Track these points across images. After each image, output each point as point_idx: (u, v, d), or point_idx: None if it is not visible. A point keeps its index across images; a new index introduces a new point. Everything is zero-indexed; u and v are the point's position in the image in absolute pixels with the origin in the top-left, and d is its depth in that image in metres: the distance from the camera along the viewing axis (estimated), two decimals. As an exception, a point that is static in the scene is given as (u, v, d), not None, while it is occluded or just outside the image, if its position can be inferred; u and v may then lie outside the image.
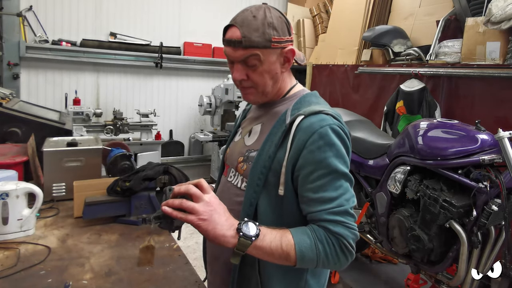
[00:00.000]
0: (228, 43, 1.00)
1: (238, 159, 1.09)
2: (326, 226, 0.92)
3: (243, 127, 1.18)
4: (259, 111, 1.14)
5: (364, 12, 4.18)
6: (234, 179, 1.10)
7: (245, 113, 1.25)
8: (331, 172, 0.94)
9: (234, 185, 1.09)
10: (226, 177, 1.14)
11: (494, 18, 2.60)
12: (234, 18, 1.01)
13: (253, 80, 1.03)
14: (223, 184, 1.15)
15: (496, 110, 2.72)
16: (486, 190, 1.84)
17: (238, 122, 1.24)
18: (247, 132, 1.13)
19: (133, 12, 4.92)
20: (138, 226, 1.74)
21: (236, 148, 1.14)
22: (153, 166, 1.85)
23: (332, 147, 0.95)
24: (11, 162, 1.96)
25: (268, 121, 1.07)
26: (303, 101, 1.05)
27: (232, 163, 1.12)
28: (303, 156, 0.95)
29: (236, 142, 1.16)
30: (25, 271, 1.31)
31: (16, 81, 4.23)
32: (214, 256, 1.15)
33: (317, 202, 0.94)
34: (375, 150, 2.58)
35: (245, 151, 1.08)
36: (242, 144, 1.12)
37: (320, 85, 4.65)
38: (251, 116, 1.18)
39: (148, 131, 4.64)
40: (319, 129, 0.95)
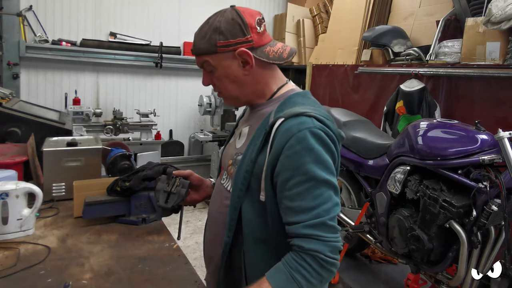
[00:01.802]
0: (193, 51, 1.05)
1: (228, 161, 1.08)
2: (300, 245, 0.89)
3: (237, 129, 1.17)
4: (249, 113, 1.13)
5: (364, 12, 4.18)
6: (225, 181, 1.10)
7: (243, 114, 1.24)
8: (309, 179, 0.89)
9: (225, 188, 1.09)
10: (219, 179, 1.16)
11: (494, 18, 2.60)
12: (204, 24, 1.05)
13: (215, 85, 1.06)
14: (217, 186, 1.16)
15: (496, 110, 2.72)
16: (486, 190, 1.84)
17: (237, 122, 1.24)
18: (238, 135, 1.12)
19: (133, 12, 4.92)
20: (138, 226, 1.74)
21: (229, 150, 1.13)
22: (153, 166, 1.85)
23: (311, 152, 0.89)
24: (11, 162, 1.96)
25: (255, 124, 1.04)
26: (288, 102, 1.00)
27: (224, 166, 1.13)
28: (281, 161, 0.91)
29: (230, 144, 1.15)
30: (25, 271, 1.31)
31: (16, 81, 4.23)
32: (208, 257, 1.16)
33: (294, 211, 0.90)
34: (375, 150, 2.58)
35: (234, 153, 1.06)
36: (233, 146, 1.11)
37: (320, 85, 4.65)
38: (244, 118, 1.17)
39: (148, 131, 4.64)
40: (297, 133, 0.89)
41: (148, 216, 1.78)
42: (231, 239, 1.00)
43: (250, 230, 0.98)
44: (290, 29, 5.35)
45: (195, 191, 1.29)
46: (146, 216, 1.78)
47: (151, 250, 1.53)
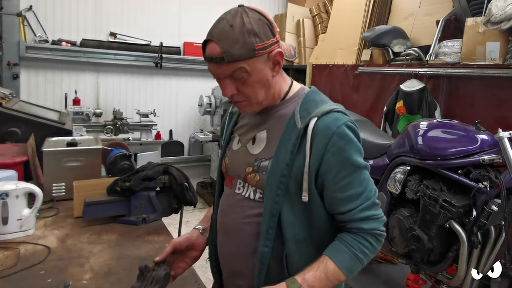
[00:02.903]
0: (210, 60, 0.93)
1: (246, 169, 1.04)
2: (360, 227, 0.96)
3: (241, 134, 1.11)
4: (259, 117, 1.07)
5: (364, 12, 4.18)
6: (244, 191, 1.06)
7: (235, 118, 1.17)
8: (355, 169, 0.96)
9: (246, 198, 1.05)
10: (232, 189, 1.09)
11: (494, 18, 2.60)
12: (210, 32, 0.95)
13: (244, 93, 0.97)
14: (230, 196, 1.10)
15: (496, 110, 2.72)
16: (486, 190, 1.84)
17: (227, 128, 1.17)
18: (249, 140, 1.07)
19: (133, 12, 4.92)
20: (138, 226, 1.74)
21: (238, 157, 1.08)
22: (153, 166, 1.85)
23: (352, 145, 0.95)
24: (11, 162, 1.96)
25: (274, 127, 1.02)
26: (308, 101, 1.01)
27: (237, 174, 1.07)
28: (326, 159, 0.94)
29: (237, 151, 1.09)
30: (25, 271, 1.30)
31: (16, 81, 4.23)
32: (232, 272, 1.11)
33: (346, 201, 0.96)
34: (375, 150, 2.58)
35: (253, 160, 1.03)
36: (246, 153, 1.06)
37: (320, 85, 4.65)
38: (249, 122, 1.10)
39: (148, 131, 4.63)
40: (336, 130, 0.94)
41: (148, 216, 1.78)
42: (270, 247, 0.98)
43: (293, 233, 0.98)
44: (290, 29, 5.35)
45: (185, 256, 1.18)
46: (146, 216, 1.77)
47: (151, 250, 1.53)
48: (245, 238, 1.04)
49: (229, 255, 1.11)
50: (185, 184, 1.83)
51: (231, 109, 1.20)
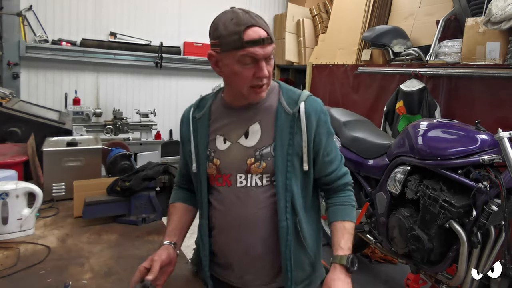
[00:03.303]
0: (257, 42, 1.02)
1: (246, 162, 1.12)
2: (345, 182, 1.25)
3: (226, 133, 1.16)
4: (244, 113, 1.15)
5: (364, 12, 4.18)
6: (248, 182, 1.13)
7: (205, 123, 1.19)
8: (332, 136, 1.21)
9: (253, 186, 1.13)
10: (231, 185, 1.14)
11: (494, 18, 2.61)
12: (246, 20, 1.04)
13: (270, 74, 1.09)
14: (231, 193, 1.14)
15: (496, 110, 2.72)
16: (486, 190, 1.84)
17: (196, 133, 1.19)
18: (240, 136, 1.14)
19: (133, 12, 4.92)
20: (138, 226, 1.74)
21: (232, 154, 1.14)
22: (153, 166, 1.85)
23: (327, 117, 1.19)
24: (11, 162, 1.96)
25: (265, 118, 1.15)
26: (286, 90, 1.19)
27: (236, 169, 1.13)
28: (318, 132, 1.14)
29: (227, 150, 1.15)
30: (25, 271, 1.30)
31: (16, 81, 4.23)
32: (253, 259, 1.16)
33: (331, 162, 1.20)
34: (375, 150, 2.58)
35: (252, 151, 1.12)
36: (240, 147, 1.13)
37: (320, 85, 4.65)
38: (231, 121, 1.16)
39: (148, 131, 4.63)
40: (319, 108, 1.16)
41: (148, 216, 1.77)
42: (289, 220, 1.12)
43: (300, 203, 1.15)
44: (290, 29, 5.35)
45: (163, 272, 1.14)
46: (146, 216, 1.77)
47: (151, 250, 1.53)
48: (264, 222, 1.13)
49: (249, 245, 1.16)
50: (185, 184, 1.82)
51: (192, 115, 1.23)
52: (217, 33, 1.06)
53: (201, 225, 1.22)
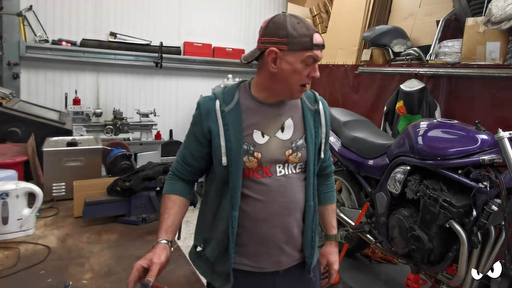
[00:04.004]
0: (321, 47, 1.18)
1: (285, 153, 1.26)
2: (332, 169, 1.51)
3: (263, 128, 1.25)
4: (276, 109, 1.27)
5: (364, 12, 4.18)
6: (286, 171, 1.27)
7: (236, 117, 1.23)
8: None
9: (290, 174, 1.28)
10: (272, 176, 1.25)
11: (494, 18, 2.61)
12: (311, 26, 1.18)
13: None
14: (273, 182, 1.25)
15: (496, 110, 2.72)
16: (486, 190, 1.84)
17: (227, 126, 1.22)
18: (277, 130, 1.27)
19: (133, 12, 4.92)
20: (138, 226, 1.74)
21: (272, 147, 1.25)
22: (153, 166, 1.85)
23: None
24: (11, 162, 1.96)
25: (295, 113, 1.31)
26: None
27: (276, 160, 1.26)
28: (328, 125, 1.37)
29: (266, 143, 1.25)
30: (25, 271, 1.30)
31: (16, 81, 4.23)
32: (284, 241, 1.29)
33: (327, 151, 1.41)
34: (375, 150, 2.58)
35: (289, 144, 1.27)
36: (278, 141, 1.26)
37: (320, 85, 4.65)
38: (264, 117, 1.26)
39: (148, 131, 4.63)
40: (328, 105, 1.41)
41: (148, 216, 1.78)
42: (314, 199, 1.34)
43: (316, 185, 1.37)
44: (290, 29, 5.35)
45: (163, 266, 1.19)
46: (146, 216, 1.77)
47: (151, 250, 1.53)
48: (298, 204, 1.30)
49: (287, 229, 1.29)
50: (185, 184, 1.82)
51: (222, 108, 1.24)
52: (285, 33, 1.15)
53: (230, 217, 1.23)
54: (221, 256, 1.27)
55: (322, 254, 1.47)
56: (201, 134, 1.26)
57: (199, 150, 1.29)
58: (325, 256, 1.46)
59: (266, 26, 1.19)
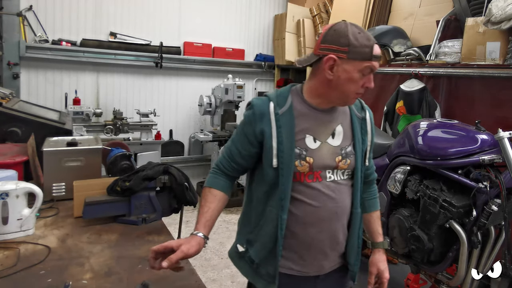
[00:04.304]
0: (379, 58, 1.19)
1: (335, 159, 1.28)
2: (375, 176, 1.53)
3: (315, 133, 1.26)
4: (327, 115, 1.28)
5: (364, 12, 4.18)
6: (335, 176, 1.29)
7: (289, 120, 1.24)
8: None
9: (338, 180, 1.30)
10: (322, 181, 1.27)
11: (494, 18, 2.60)
12: (371, 36, 1.18)
13: None
14: (323, 188, 1.27)
15: (496, 110, 2.72)
16: (486, 190, 1.84)
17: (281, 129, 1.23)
18: (328, 136, 1.28)
19: (133, 12, 4.92)
20: (138, 226, 1.74)
21: (323, 152, 1.26)
22: (153, 166, 1.85)
23: None
24: (11, 162, 1.96)
25: (344, 120, 1.32)
26: None
27: (326, 166, 1.27)
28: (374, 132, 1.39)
29: (318, 148, 1.26)
30: (25, 271, 1.31)
31: (16, 81, 4.23)
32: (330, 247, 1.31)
33: (370, 159, 1.42)
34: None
35: (339, 150, 1.29)
36: (328, 147, 1.27)
37: (320, 85, 4.64)
38: (315, 122, 1.27)
39: (148, 131, 4.63)
40: (371, 111, 1.41)
41: (148, 216, 1.78)
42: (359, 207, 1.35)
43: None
44: (290, 29, 5.35)
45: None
46: (146, 216, 1.77)
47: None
48: (346, 210, 1.32)
49: (334, 234, 1.31)
50: (185, 184, 1.83)
51: (276, 110, 1.25)
52: (346, 41, 1.15)
53: (280, 220, 1.23)
54: (266, 258, 1.28)
55: (371, 262, 1.44)
56: (253, 135, 1.27)
57: (248, 149, 1.30)
58: (375, 265, 1.42)
59: (327, 33, 1.20)
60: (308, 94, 1.28)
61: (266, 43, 5.92)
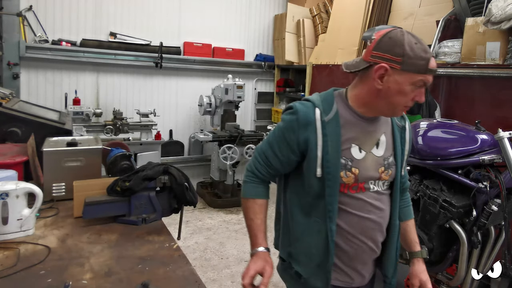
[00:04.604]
0: (434, 72, 1.13)
1: (379, 170, 1.24)
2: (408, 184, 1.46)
3: (361, 143, 1.22)
4: (371, 125, 1.24)
5: (364, 12, 4.18)
6: (377, 187, 1.26)
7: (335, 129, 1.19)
8: None
9: (379, 191, 1.26)
10: (365, 192, 1.23)
11: (494, 18, 2.60)
12: (427, 48, 1.13)
13: None
14: (368, 198, 1.23)
15: (496, 110, 2.72)
16: (486, 190, 1.84)
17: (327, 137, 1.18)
18: (372, 146, 1.24)
19: (133, 12, 4.92)
20: (138, 226, 1.74)
21: (368, 163, 1.22)
22: (153, 166, 1.85)
23: None
24: (11, 162, 1.96)
25: (387, 130, 1.28)
26: None
27: (370, 177, 1.23)
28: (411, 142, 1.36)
29: (363, 159, 1.22)
30: (25, 271, 1.30)
31: (16, 81, 4.23)
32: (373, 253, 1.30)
33: (404, 167, 1.36)
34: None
35: (382, 161, 1.25)
36: (373, 157, 1.23)
37: (320, 85, 4.65)
38: (361, 131, 1.22)
39: (148, 131, 4.63)
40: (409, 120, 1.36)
41: (148, 216, 1.78)
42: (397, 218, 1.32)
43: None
44: (290, 29, 5.35)
45: None
46: (146, 216, 1.77)
47: (151, 250, 1.53)
48: (386, 220, 1.29)
49: (375, 244, 1.29)
50: (185, 184, 1.82)
51: (322, 117, 1.19)
52: (401, 51, 1.09)
53: (329, 231, 1.20)
54: (315, 272, 1.24)
55: (412, 274, 1.40)
56: (295, 142, 1.21)
57: (287, 156, 1.24)
58: (416, 276, 1.38)
59: (381, 40, 1.13)
60: (354, 102, 1.22)
61: (266, 43, 5.93)
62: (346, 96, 1.24)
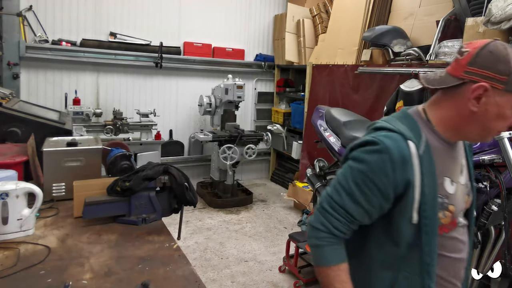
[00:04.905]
0: None
1: (465, 200, 1.11)
2: None
3: (452, 175, 1.06)
4: (452, 148, 1.08)
5: (364, 12, 4.18)
6: (462, 220, 1.13)
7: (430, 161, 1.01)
8: None
9: (463, 224, 1.13)
10: (456, 228, 1.08)
11: (494, 18, 2.60)
12: None
13: None
14: (461, 233, 1.10)
15: (496, 110, 2.72)
16: (486, 190, 1.84)
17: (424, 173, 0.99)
18: (458, 174, 1.08)
19: (133, 12, 4.92)
20: (138, 226, 1.74)
21: (459, 196, 1.07)
22: (153, 166, 1.85)
23: None
24: (11, 162, 1.96)
25: (463, 152, 1.14)
26: None
27: (460, 211, 1.09)
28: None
29: (456, 192, 1.06)
30: (25, 271, 1.31)
31: (16, 81, 4.23)
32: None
33: None
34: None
35: (466, 189, 1.11)
36: (461, 187, 1.09)
37: (320, 85, 4.65)
38: (447, 158, 1.06)
39: (148, 131, 4.64)
40: None
41: (148, 216, 1.78)
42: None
43: None
44: (290, 29, 5.35)
45: None
46: (146, 216, 1.77)
47: (151, 250, 1.53)
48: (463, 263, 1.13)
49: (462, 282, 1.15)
50: (185, 184, 1.83)
51: (419, 152, 0.99)
52: (507, 69, 0.92)
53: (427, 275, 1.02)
54: None
55: None
56: (391, 188, 0.98)
57: (380, 206, 1.01)
58: None
59: (478, 54, 0.95)
60: (440, 125, 1.03)
61: (266, 43, 5.93)
62: (428, 118, 1.05)
